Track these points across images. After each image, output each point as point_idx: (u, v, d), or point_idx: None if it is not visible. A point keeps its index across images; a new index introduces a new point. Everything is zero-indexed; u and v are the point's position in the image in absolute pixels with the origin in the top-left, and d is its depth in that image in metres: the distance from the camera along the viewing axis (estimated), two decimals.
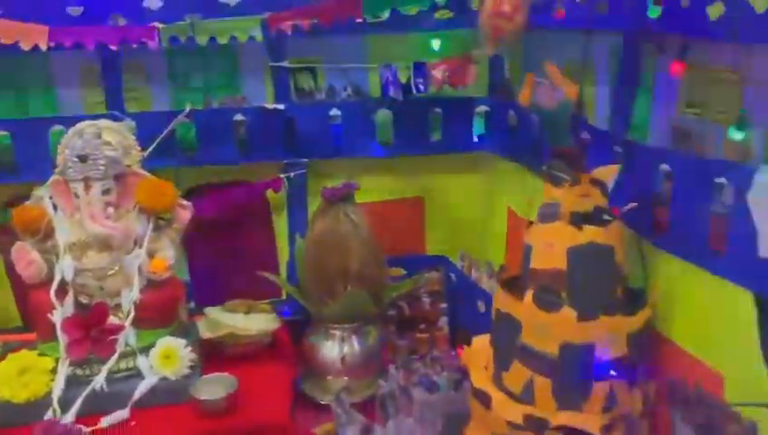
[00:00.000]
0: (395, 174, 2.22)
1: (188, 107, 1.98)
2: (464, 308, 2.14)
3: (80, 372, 1.65)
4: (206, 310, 1.96)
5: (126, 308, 1.71)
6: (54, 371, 1.64)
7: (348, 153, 2.13)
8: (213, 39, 1.92)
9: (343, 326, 1.95)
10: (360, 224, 1.92)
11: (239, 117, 2.05)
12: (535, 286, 1.35)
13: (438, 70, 1.97)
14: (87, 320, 1.65)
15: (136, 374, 1.68)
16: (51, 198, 1.75)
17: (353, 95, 2.15)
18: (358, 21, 1.96)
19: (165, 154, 1.95)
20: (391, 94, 2.03)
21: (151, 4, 1.94)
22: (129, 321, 1.69)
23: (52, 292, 1.67)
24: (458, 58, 1.97)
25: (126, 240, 1.74)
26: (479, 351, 1.54)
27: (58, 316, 1.65)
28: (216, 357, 1.83)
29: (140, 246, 1.75)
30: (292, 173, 2.12)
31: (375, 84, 2.11)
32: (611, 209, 1.38)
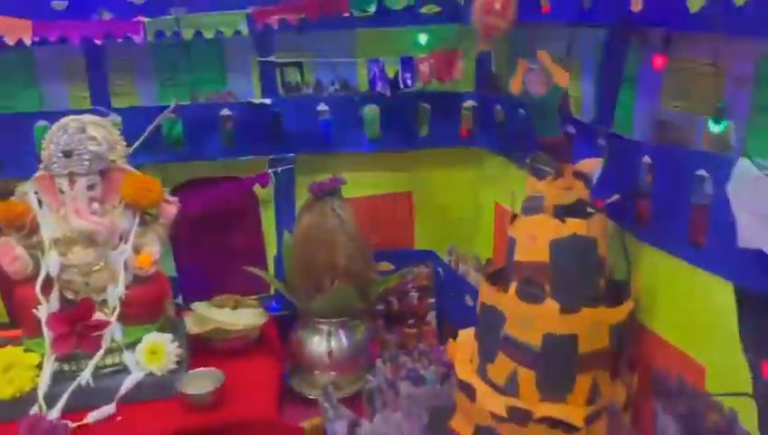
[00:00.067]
0: (383, 169, 2.22)
1: (174, 102, 1.97)
2: (451, 302, 2.14)
3: (66, 368, 1.65)
4: (193, 305, 1.96)
5: (112, 304, 1.71)
6: (40, 366, 1.64)
7: (335, 148, 2.12)
8: (199, 33, 1.91)
9: (330, 321, 1.95)
10: (347, 219, 1.92)
11: (226, 112, 2.04)
12: (519, 279, 1.36)
13: (426, 64, 1.98)
14: (73, 315, 1.65)
15: (122, 370, 1.68)
16: (36, 193, 1.74)
17: (341, 90, 2.14)
18: (345, 15, 1.95)
19: (151, 149, 1.94)
20: (379, 89, 2.03)
21: None
22: (115, 316, 1.69)
23: (37, 287, 1.67)
24: (445, 52, 1.97)
25: (111, 236, 1.74)
26: (465, 344, 1.54)
27: (44, 312, 1.65)
28: (204, 352, 1.84)
29: (126, 241, 1.75)
30: (279, 168, 2.12)
31: (363, 79, 2.10)
32: (595, 202, 1.39)
